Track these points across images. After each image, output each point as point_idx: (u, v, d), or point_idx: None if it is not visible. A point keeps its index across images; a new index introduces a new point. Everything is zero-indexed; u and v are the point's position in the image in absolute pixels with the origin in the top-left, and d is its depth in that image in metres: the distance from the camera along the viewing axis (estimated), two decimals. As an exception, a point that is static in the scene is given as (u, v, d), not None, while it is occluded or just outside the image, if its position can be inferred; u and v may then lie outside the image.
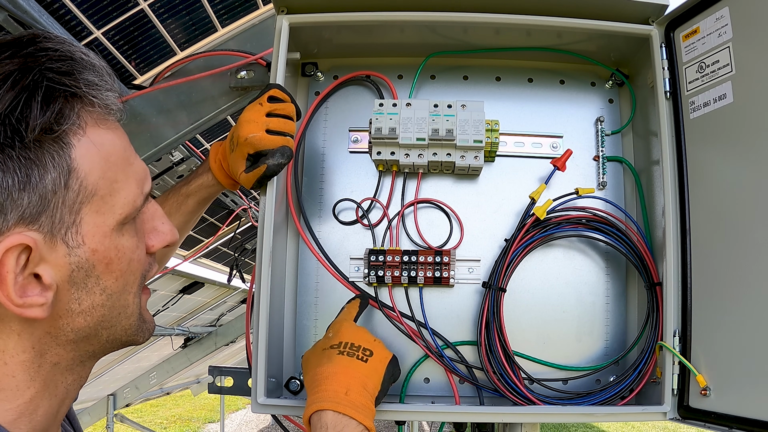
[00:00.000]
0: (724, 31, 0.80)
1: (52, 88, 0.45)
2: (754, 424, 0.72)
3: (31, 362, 0.49)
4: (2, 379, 0.48)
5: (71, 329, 0.51)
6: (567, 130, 0.99)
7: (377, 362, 0.76)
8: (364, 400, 0.72)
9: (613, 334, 0.95)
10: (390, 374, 0.77)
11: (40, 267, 0.46)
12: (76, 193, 0.47)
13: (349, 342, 0.76)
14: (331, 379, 0.72)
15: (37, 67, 0.45)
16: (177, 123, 1.17)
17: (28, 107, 0.44)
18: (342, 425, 0.69)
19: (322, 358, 0.75)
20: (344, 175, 0.99)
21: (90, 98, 0.48)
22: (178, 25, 1.31)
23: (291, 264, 0.97)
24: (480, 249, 0.96)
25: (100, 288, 0.51)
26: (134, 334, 0.57)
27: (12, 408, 0.49)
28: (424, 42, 0.96)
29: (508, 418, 0.85)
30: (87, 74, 0.48)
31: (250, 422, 7.74)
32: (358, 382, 0.72)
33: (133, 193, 0.52)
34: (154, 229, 0.58)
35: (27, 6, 0.95)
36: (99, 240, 0.49)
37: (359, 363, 0.74)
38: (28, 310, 0.46)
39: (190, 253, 2.83)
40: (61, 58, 0.47)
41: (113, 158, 0.50)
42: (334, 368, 0.73)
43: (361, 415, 0.70)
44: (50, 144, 0.45)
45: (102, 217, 0.49)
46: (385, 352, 0.78)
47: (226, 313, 4.36)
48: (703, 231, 0.83)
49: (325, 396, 0.71)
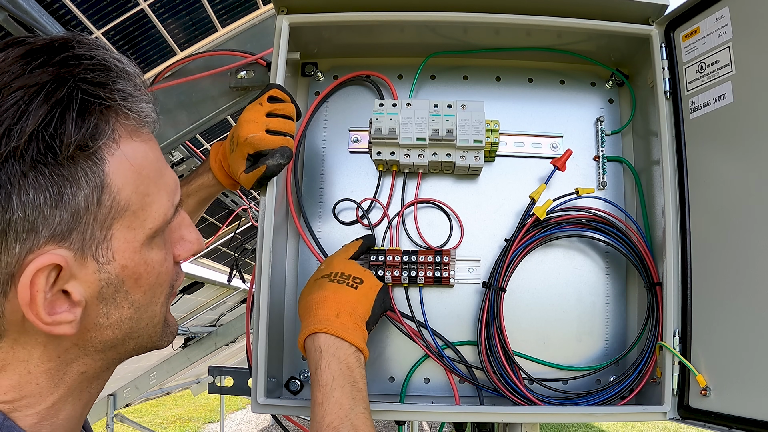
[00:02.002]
0: (724, 31, 0.80)
1: (87, 101, 0.44)
2: (754, 424, 0.72)
3: (56, 370, 0.49)
4: (25, 387, 0.48)
5: (99, 341, 0.50)
6: (567, 130, 0.99)
7: (367, 289, 0.79)
8: (354, 323, 0.74)
9: (613, 334, 0.95)
10: (380, 302, 0.80)
11: (70, 284, 0.46)
12: (109, 209, 0.46)
13: (340, 271, 0.79)
14: (322, 304, 0.75)
15: (72, 78, 0.43)
16: (177, 123, 1.17)
17: (63, 123, 0.42)
18: (335, 347, 0.72)
19: (314, 287, 0.78)
20: (344, 175, 0.99)
21: (125, 111, 0.47)
22: (178, 25, 1.31)
23: (291, 264, 0.97)
24: (480, 249, 0.96)
25: (129, 302, 0.50)
26: (159, 340, 0.57)
27: (33, 413, 0.48)
28: (424, 42, 0.96)
29: (508, 418, 0.86)
30: (122, 84, 0.47)
31: (250, 422, 7.74)
32: (348, 306, 0.75)
33: (164, 206, 0.51)
34: (181, 239, 0.57)
35: (27, 6, 0.95)
36: (129, 256, 0.48)
37: (349, 289, 0.77)
38: (57, 327, 0.45)
39: (190, 253, 2.82)
40: (96, 67, 0.45)
41: (146, 171, 0.49)
42: (325, 294, 0.76)
43: (352, 336, 0.73)
44: (84, 160, 0.44)
45: (133, 232, 0.48)
46: (376, 282, 0.81)
47: (226, 313, 4.36)
48: (703, 231, 0.83)
49: (316, 320, 0.73)
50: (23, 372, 0.47)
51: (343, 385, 0.69)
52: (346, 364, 0.71)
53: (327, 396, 0.68)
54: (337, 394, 0.68)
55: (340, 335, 0.72)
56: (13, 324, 0.46)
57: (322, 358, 0.71)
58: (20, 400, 0.48)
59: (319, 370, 0.70)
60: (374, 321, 0.79)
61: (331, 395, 0.68)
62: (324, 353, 0.71)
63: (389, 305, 0.83)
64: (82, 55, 0.45)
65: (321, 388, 0.69)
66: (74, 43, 0.46)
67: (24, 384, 0.48)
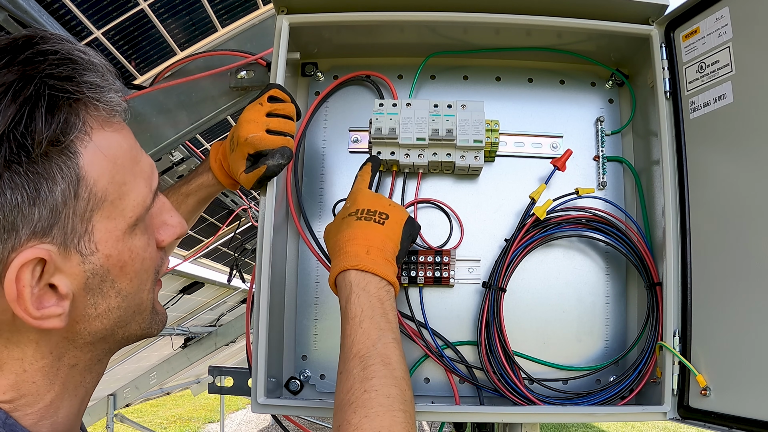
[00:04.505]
0: (724, 31, 0.80)
1: (55, 96, 0.44)
2: (754, 424, 0.72)
3: (50, 367, 0.50)
4: (23, 386, 0.48)
5: (88, 332, 0.51)
6: (567, 130, 0.99)
7: (394, 224, 0.78)
8: (384, 259, 0.74)
9: (613, 334, 0.95)
10: (408, 234, 0.79)
11: (56, 277, 0.46)
12: (87, 202, 0.46)
13: (366, 208, 0.78)
14: (352, 242, 0.74)
15: (37, 75, 0.43)
16: (177, 123, 1.17)
17: (33, 120, 0.42)
18: (365, 282, 0.71)
19: (342, 226, 0.77)
20: (344, 175, 0.99)
21: (94, 102, 0.47)
22: (178, 25, 1.31)
23: (291, 264, 0.97)
24: (480, 249, 0.96)
25: (115, 291, 0.51)
26: (148, 328, 0.57)
27: (33, 411, 0.49)
28: (424, 42, 0.96)
29: (508, 418, 0.86)
30: (89, 76, 0.47)
31: (250, 422, 7.74)
32: (378, 242, 0.74)
33: (142, 193, 0.51)
34: (163, 223, 0.58)
35: (27, 6, 0.95)
36: (112, 245, 0.49)
37: (377, 226, 0.76)
38: (47, 321, 0.46)
39: (190, 253, 2.83)
40: (61, 62, 0.45)
41: (120, 160, 0.49)
42: (354, 232, 0.75)
43: (383, 270, 0.72)
44: (57, 155, 0.44)
45: (113, 222, 0.49)
46: (402, 214, 0.80)
47: (226, 313, 4.36)
48: (703, 231, 0.83)
49: (346, 257, 0.73)
50: (19, 371, 0.48)
51: (372, 316, 0.68)
52: (377, 297, 0.70)
53: (355, 328, 0.67)
54: (366, 325, 0.67)
55: (370, 270, 0.72)
56: (5, 323, 0.46)
57: (352, 292, 0.70)
58: (19, 399, 0.48)
59: (349, 304, 0.69)
60: (404, 254, 0.79)
61: (360, 327, 0.67)
62: (354, 287, 0.70)
63: (416, 235, 0.83)
64: (46, 51, 0.45)
65: (350, 320, 0.68)
66: (38, 39, 0.46)
67: (21, 383, 0.48)
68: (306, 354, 0.95)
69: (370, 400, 0.60)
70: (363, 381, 0.62)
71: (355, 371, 0.64)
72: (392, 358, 0.65)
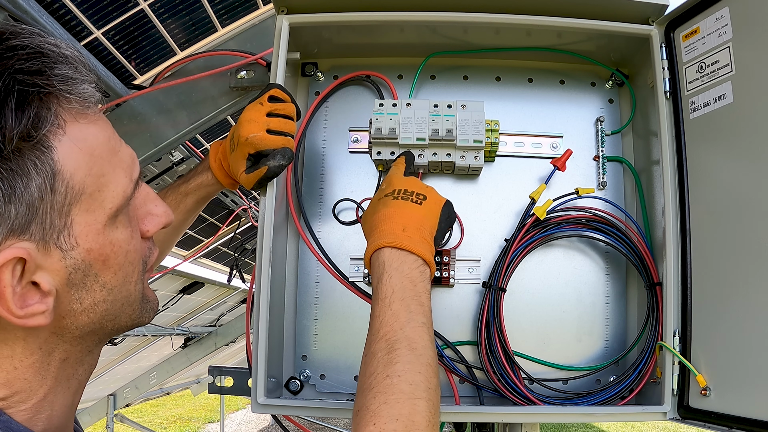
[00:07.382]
0: (724, 31, 0.80)
1: (25, 91, 0.43)
2: (754, 424, 0.72)
3: (41, 362, 0.49)
4: (14, 383, 0.48)
5: (75, 327, 0.51)
6: (567, 130, 0.99)
7: (432, 204, 0.75)
8: (421, 237, 0.71)
9: (613, 334, 0.95)
10: (446, 216, 0.77)
11: (37, 275, 0.46)
12: (64, 196, 0.46)
13: (402, 188, 0.76)
14: (388, 221, 0.72)
15: (6, 71, 0.43)
16: (177, 123, 1.17)
17: (2, 116, 0.42)
18: (399, 260, 0.68)
19: (378, 206, 0.75)
20: (344, 175, 0.99)
21: (66, 95, 0.46)
22: (178, 25, 1.31)
23: (291, 264, 0.97)
24: (480, 249, 0.96)
25: (100, 284, 0.51)
26: (138, 317, 0.57)
27: (27, 407, 0.49)
28: (424, 42, 0.96)
29: (508, 418, 0.86)
30: (60, 68, 0.46)
31: (250, 422, 7.74)
32: (415, 221, 0.72)
33: (122, 184, 0.51)
34: (148, 213, 0.57)
35: (27, 6, 0.95)
36: (93, 239, 0.48)
37: (414, 205, 0.74)
38: (31, 319, 0.46)
39: (190, 253, 2.83)
40: (31, 56, 0.44)
41: (97, 152, 0.48)
42: (390, 211, 0.73)
43: (419, 248, 0.69)
44: (30, 151, 0.43)
45: (93, 215, 0.48)
46: (439, 197, 0.78)
47: (226, 313, 4.36)
48: (703, 231, 0.83)
49: (382, 235, 0.70)
50: (9, 368, 0.48)
51: (403, 297, 0.65)
52: (409, 278, 0.67)
53: (384, 309, 0.64)
54: (396, 306, 0.64)
55: (406, 247, 0.69)
56: None
57: (385, 271, 0.68)
58: (12, 396, 0.48)
59: (380, 284, 0.67)
60: (441, 236, 0.76)
61: (389, 308, 0.64)
62: (387, 267, 0.68)
63: (454, 219, 0.81)
64: (15, 46, 0.44)
65: (380, 301, 0.66)
66: (8, 35, 0.45)
67: (12, 380, 0.48)
68: (306, 354, 0.95)
69: (392, 386, 0.58)
70: (387, 365, 0.60)
71: (380, 354, 0.61)
72: (419, 342, 0.62)
